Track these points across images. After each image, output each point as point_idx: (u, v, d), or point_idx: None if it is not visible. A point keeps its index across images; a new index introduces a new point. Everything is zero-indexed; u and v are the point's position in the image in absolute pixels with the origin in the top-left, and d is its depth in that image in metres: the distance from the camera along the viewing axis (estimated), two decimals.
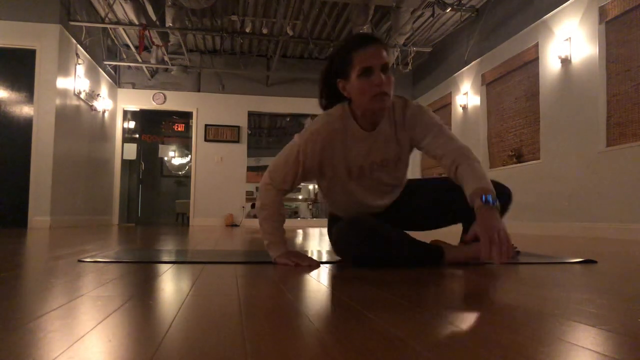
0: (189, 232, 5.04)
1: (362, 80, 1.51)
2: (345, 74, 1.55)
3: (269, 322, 0.77)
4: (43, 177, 5.82)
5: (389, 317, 0.81)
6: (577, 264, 1.77)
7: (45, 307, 0.86)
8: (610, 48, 4.69)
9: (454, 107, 7.84)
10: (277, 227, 1.65)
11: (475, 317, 0.83)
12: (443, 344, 0.64)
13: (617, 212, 4.43)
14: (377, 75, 1.49)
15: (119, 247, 2.53)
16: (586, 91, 4.88)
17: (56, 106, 5.95)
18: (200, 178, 9.01)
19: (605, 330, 0.71)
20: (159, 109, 9.06)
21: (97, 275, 1.31)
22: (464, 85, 7.51)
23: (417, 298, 1.05)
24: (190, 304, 0.91)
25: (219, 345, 0.61)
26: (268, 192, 1.65)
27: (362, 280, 1.30)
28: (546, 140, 5.49)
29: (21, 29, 5.92)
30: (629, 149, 4.34)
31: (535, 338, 0.66)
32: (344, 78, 1.57)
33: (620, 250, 2.63)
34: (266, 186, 1.66)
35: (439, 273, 1.48)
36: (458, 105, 7.66)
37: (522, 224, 5.86)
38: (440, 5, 6.34)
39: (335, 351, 0.59)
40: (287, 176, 1.63)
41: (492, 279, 1.36)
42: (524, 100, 6.08)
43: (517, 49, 6.10)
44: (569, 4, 5.16)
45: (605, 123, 4.69)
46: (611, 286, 1.23)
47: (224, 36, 7.62)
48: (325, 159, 1.63)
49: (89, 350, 0.59)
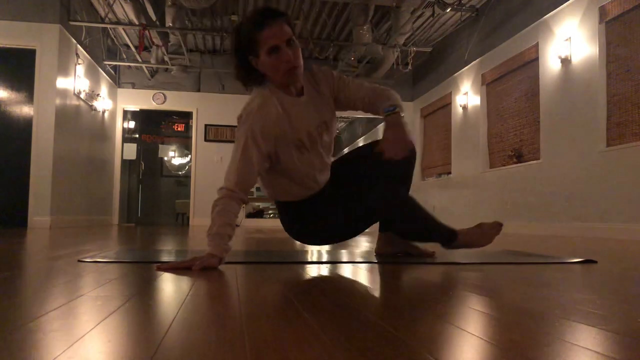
0: (188, 232, 5.04)
1: (271, 57, 1.56)
2: (255, 52, 1.59)
3: (269, 322, 0.77)
4: (43, 177, 5.82)
5: (389, 316, 0.81)
6: (577, 264, 1.77)
7: (45, 307, 0.86)
8: (610, 48, 4.69)
9: (454, 107, 7.84)
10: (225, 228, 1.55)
11: (476, 317, 0.83)
12: (443, 344, 0.64)
13: (617, 212, 4.43)
14: (284, 51, 1.55)
15: (119, 247, 2.53)
16: (586, 91, 4.88)
17: (56, 106, 5.95)
18: (200, 178, 9.00)
19: (605, 330, 0.71)
20: (159, 109, 9.06)
21: (96, 275, 1.31)
22: (464, 85, 7.51)
23: (417, 298, 1.05)
24: (190, 304, 0.91)
25: (219, 345, 0.61)
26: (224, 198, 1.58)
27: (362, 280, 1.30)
28: (546, 140, 5.49)
29: (21, 29, 5.92)
30: (629, 149, 4.34)
31: (535, 338, 0.66)
32: (254, 56, 1.60)
33: (620, 250, 2.63)
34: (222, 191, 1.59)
35: (439, 273, 1.48)
36: (458, 105, 7.66)
37: (522, 224, 5.86)
38: (440, 5, 6.33)
39: (336, 351, 0.59)
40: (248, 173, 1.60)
41: (492, 279, 1.36)
42: (524, 100, 6.08)
43: (517, 49, 6.10)
44: (569, 4, 5.16)
45: (605, 123, 4.69)
46: (611, 286, 1.23)
47: (224, 36, 7.62)
48: (276, 136, 1.63)
49: (89, 350, 0.59)
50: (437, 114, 8.68)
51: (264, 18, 1.56)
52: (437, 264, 1.75)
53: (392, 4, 6.53)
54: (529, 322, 0.77)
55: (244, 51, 1.61)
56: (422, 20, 7.36)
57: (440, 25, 7.71)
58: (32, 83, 5.93)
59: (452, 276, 1.41)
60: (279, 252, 2.33)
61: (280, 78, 1.61)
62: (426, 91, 9.00)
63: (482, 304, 0.95)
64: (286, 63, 1.56)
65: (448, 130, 8.12)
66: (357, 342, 0.63)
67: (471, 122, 7.29)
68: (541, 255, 2.10)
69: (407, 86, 9.68)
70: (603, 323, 0.76)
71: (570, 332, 0.71)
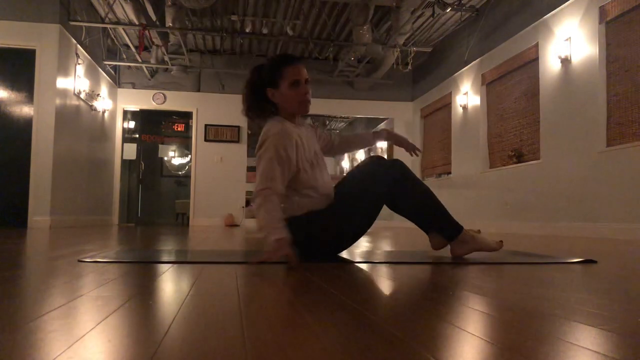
0: (188, 232, 5.04)
1: (292, 90, 1.86)
2: (275, 84, 1.88)
3: (269, 322, 0.77)
4: (43, 177, 5.82)
5: (389, 317, 0.81)
6: (577, 264, 1.77)
7: (45, 307, 0.86)
8: (610, 48, 4.69)
9: (454, 107, 7.84)
10: (277, 215, 1.72)
11: (476, 317, 0.83)
12: (443, 344, 0.64)
13: (617, 212, 4.43)
14: (303, 86, 1.88)
15: (119, 247, 2.53)
16: (586, 91, 4.88)
17: (56, 106, 5.95)
18: (200, 178, 9.01)
19: (605, 330, 0.71)
20: (159, 109, 9.06)
21: (97, 275, 1.31)
22: (464, 85, 7.51)
23: (417, 298, 1.05)
24: (190, 304, 0.91)
25: (219, 345, 0.61)
26: (268, 196, 1.73)
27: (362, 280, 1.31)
28: (546, 140, 5.49)
29: (21, 28, 5.92)
30: (629, 149, 4.34)
31: (535, 338, 0.66)
32: (273, 87, 1.89)
33: (620, 250, 2.64)
34: (264, 192, 1.74)
35: (439, 273, 1.48)
36: (458, 105, 7.66)
37: (522, 224, 5.86)
38: (440, 5, 6.33)
39: (336, 351, 0.59)
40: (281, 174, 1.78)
41: (492, 279, 1.36)
42: (524, 100, 6.08)
43: (517, 49, 6.10)
44: (569, 4, 5.16)
45: (605, 123, 4.69)
46: (611, 286, 1.23)
47: (224, 36, 7.62)
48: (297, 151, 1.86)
49: (89, 350, 0.59)
50: (437, 114, 8.68)
51: (291, 57, 1.91)
52: (437, 264, 1.75)
53: (392, 4, 6.53)
54: (529, 322, 0.77)
55: (263, 83, 1.90)
56: (422, 20, 7.37)
57: (440, 25, 7.71)
58: (32, 83, 5.93)
59: (452, 276, 1.41)
60: None
61: (294, 108, 1.91)
62: (426, 91, 9.00)
63: (482, 304, 0.95)
64: (304, 95, 1.88)
65: (448, 130, 8.12)
66: (357, 342, 0.63)
67: (471, 122, 7.29)
68: (541, 255, 2.10)
69: (407, 86, 9.69)
70: (603, 323, 0.76)
71: (570, 332, 0.71)
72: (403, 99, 9.70)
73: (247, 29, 7.60)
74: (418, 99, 9.41)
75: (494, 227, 6.45)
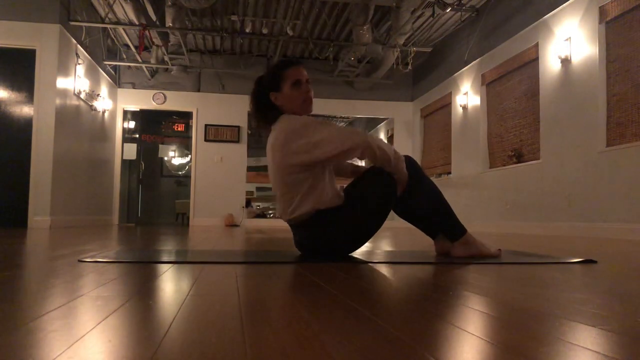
0: (188, 232, 5.04)
1: (294, 90, 1.92)
2: (277, 87, 1.93)
3: (269, 322, 0.77)
4: (43, 177, 5.82)
5: (389, 316, 0.81)
6: (577, 264, 1.77)
7: (45, 307, 0.86)
8: (610, 48, 4.69)
9: (454, 107, 7.84)
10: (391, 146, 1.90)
11: (476, 317, 0.83)
12: (443, 344, 0.64)
13: (617, 212, 4.43)
14: (305, 85, 1.93)
15: (119, 247, 2.53)
16: (586, 91, 4.88)
17: (56, 106, 5.95)
18: (200, 178, 9.01)
19: (605, 330, 0.71)
20: (159, 109, 9.06)
21: (97, 275, 1.31)
22: (464, 85, 7.51)
23: (417, 298, 1.05)
24: (190, 304, 0.91)
25: (219, 345, 0.61)
26: (368, 137, 1.84)
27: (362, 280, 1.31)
28: (546, 140, 5.49)
29: (21, 29, 5.92)
30: (629, 149, 4.34)
31: (535, 338, 0.66)
32: (276, 91, 1.94)
33: (620, 250, 2.64)
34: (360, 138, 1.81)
35: (439, 273, 1.48)
36: (458, 105, 7.66)
37: (522, 224, 5.86)
38: (440, 5, 6.33)
39: (336, 351, 0.59)
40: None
41: (492, 279, 1.36)
42: (524, 100, 6.08)
43: (517, 49, 6.10)
44: (569, 4, 5.16)
45: (605, 123, 4.69)
46: (611, 286, 1.23)
47: (224, 36, 7.62)
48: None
49: (89, 350, 0.59)
50: (437, 114, 8.68)
51: (289, 62, 1.97)
52: (437, 264, 1.75)
53: (392, 4, 6.53)
54: (529, 322, 0.77)
55: (267, 88, 1.95)
56: (422, 20, 7.37)
57: (440, 25, 7.71)
58: (32, 83, 5.93)
59: (452, 276, 1.41)
60: (279, 252, 2.33)
61: (298, 108, 1.93)
62: (426, 91, 9.00)
63: (482, 304, 0.95)
64: (306, 93, 1.93)
65: (448, 131, 8.12)
66: (356, 342, 0.63)
67: (471, 122, 7.29)
68: (541, 255, 2.10)
69: (407, 86, 9.69)
70: (603, 323, 0.76)
71: (570, 332, 0.71)
72: (403, 99, 9.70)
73: (247, 29, 7.60)
74: (418, 99, 9.41)
75: (494, 227, 6.45)
